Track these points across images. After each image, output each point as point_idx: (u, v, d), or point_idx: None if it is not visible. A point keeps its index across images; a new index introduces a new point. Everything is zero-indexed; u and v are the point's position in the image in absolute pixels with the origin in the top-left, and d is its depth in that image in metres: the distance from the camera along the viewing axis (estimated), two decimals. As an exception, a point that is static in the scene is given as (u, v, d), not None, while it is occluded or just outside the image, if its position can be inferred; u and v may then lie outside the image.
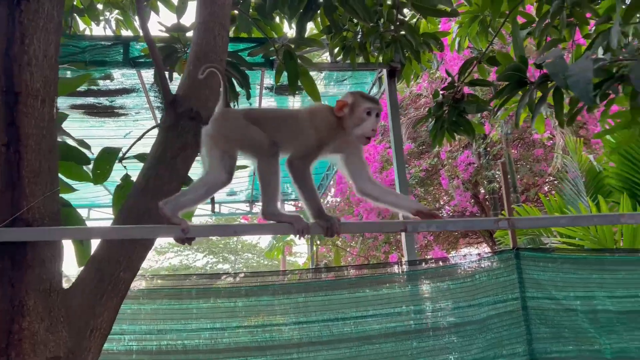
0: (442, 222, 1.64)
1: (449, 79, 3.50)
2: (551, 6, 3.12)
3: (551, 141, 10.07)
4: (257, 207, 13.71)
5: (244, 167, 2.21)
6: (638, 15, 3.40)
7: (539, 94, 2.65)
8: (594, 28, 3.23)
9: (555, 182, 9.03)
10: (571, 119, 2.75)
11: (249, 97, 3.37)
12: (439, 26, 6.18)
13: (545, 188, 10.79)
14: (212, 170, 1.66)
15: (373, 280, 3.04)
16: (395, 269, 3.15)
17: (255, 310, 2.84)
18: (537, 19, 3.42)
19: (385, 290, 3.04)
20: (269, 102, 6.67)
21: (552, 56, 2.29)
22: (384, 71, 5.63)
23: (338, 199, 12.39)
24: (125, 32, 4.40)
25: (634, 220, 4.06)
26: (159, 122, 2.17)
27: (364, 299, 2.99)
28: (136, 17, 3.86)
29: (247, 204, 11.99)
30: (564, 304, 2.96)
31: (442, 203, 11.99)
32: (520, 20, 3.74)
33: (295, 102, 6.97)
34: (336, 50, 3.74)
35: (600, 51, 2.87)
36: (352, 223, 4.56)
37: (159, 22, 2.86)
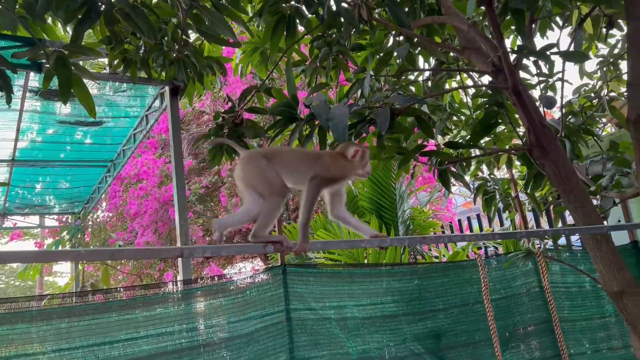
0: (216, 248, 1.77)
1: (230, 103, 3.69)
2: (320, 51, 3.56)
3: (321, 165, 11.16)
4: (9, 221, 12.00)
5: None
6: (387, 69, 4.12)
7: (308, 127, 3.01)
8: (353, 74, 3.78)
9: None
10: (332, 152, 3.17)
11: (9, 100, 3.02)
12: (222, 49, 6.38)
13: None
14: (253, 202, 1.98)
15: (145, 300, 2.99)
16: (169, 288, 3.15)
17: (7, 339, 2.52)
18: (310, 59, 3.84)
19: (158, 310, 3.01)
20: (33, 105, 5.98)
21: (318, 99, 2.63)
22: (167, 87, 5.59)
23: (110, 214, 11.59)
24: None
25: (370, 244, 5.02)
26: None
27: (134, 320, 2.90)
28: None
29: (-3, 218, 10.40)
30: (321, 314, 3.36)
31: (221, 219, 12.20)
32: (297, 57, 4.15)
33: (63, 108, 6.40)
34: (116, 62, 3.61)
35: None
36: (129, 249, 4.40)
37: None
